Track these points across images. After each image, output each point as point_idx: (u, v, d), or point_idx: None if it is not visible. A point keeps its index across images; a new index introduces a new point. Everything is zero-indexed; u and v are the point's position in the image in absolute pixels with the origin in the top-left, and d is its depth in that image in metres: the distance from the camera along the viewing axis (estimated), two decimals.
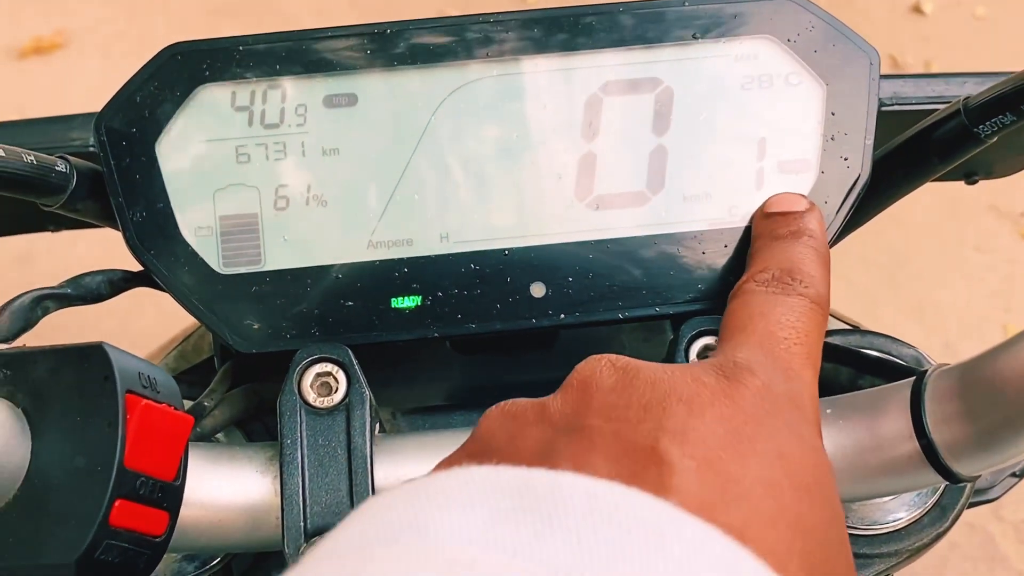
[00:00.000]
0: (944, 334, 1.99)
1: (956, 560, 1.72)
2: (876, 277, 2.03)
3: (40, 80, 2.37)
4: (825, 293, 0.48)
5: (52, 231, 0.65)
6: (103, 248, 1.81)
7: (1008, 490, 0.76)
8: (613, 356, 0.41)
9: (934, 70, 2.19)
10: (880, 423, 0.48)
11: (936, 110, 0.57)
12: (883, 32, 2.24)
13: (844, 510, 0.57)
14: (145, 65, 0.54)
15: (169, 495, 0.46)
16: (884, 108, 0.62)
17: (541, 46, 0.54)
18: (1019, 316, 1.99)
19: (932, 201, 2.04)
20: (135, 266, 0.55)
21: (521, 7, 2.30)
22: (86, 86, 2.31)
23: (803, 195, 0.54)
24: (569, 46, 0.54)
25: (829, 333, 0.59)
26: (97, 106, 0.54)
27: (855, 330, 0.60)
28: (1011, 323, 1.98)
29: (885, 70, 0.55)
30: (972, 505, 0.73)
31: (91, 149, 0.62)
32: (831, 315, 0.71)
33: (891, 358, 0.57)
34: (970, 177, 0.66)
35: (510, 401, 0.41)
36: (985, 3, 2.32)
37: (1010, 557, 1.72)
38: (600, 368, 0.40)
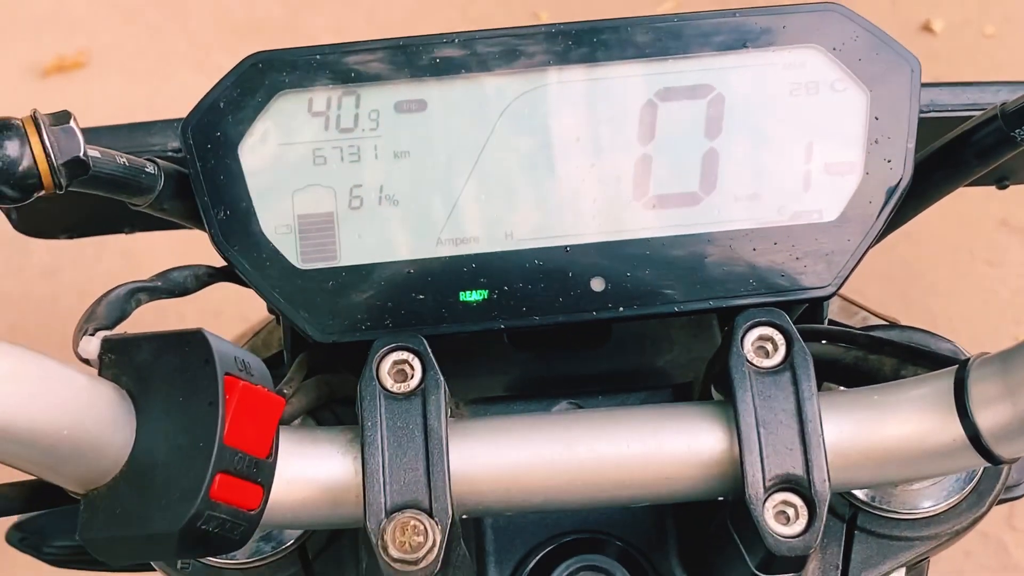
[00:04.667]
0: None
1: (971, 569, 1.74)
2: (889, 291, 2.06)
3: (62, 98, 2.40)
4: None
5: (127, 233, 0.68)
6: (126, 260, 1.84)
7: None
8: None
9: None
10: (925, 409, 0.51)
11: (970, 117, 0.60)
12: None
13: (886, 494, 0.60)
14: (228, 73, 0.57)
15: (263, 471, 0.49)
16: (921, 115, 0.65)
17: (599, 55, 0.57)
18: None
19: (944, 216, 2.07)
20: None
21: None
22: (107, 105, 2.34)
23: None
24: (626, 55, 0.57)
25: (871, 327, 0.62)
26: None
27: (894, 325, 0.64)
28: (1023, 335, 2.01)
29: None
30: (999, 502, 0.75)
31: (170, 153, 0.66)
32: (870, 311, 0.75)
33: (932, 350, 0.60)
34: (1001, 182, 0.69)
35: None
36: (994, 22, 2.36)
37: None
38: None
